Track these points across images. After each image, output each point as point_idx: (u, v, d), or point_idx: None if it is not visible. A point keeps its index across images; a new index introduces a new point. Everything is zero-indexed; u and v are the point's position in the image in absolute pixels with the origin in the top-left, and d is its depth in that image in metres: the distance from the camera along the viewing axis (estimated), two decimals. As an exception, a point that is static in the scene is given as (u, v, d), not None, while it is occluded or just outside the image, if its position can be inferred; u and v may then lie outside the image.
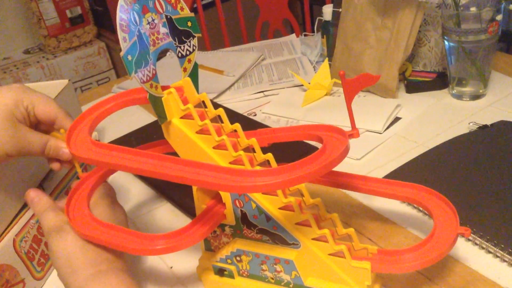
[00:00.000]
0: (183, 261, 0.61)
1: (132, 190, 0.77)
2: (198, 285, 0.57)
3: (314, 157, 0.42)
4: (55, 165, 0.56)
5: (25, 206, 0.62)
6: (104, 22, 2.19)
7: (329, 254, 0.47)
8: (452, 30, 0.79)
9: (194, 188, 0.51)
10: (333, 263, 0.47)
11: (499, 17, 0.77)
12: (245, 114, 0.92)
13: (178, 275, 0.60)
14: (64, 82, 0.79)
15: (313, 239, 0.47)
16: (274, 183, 0.40)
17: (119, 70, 2.22)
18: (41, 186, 0.65)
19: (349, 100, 0.47)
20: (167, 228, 0.68)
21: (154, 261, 0.63)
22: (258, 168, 0.48)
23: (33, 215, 0.61)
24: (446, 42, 0.82)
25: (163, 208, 0.72)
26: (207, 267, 0.55)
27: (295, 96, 0.95)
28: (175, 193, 0.71)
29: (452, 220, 0.48)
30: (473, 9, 0.78)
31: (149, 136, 0.87)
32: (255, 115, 0.92)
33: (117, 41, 2.12)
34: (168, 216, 0.70)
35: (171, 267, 0.61)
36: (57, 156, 0.55)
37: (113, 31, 2.12)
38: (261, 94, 1.00)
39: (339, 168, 0.42)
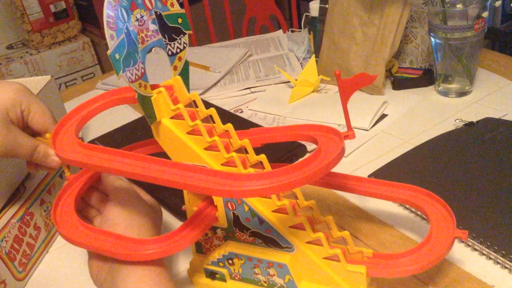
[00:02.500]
0: (169, 262, 0.59)
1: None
2: (186, 287, 0.56)
3: (309, 159, 0.41)
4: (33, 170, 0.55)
5: (6, 205, 0.60)
6: (88, 17, 2.16)
7: (324, 258, 0.46)
8: (439, 27, 0.79)
9: (185, 190, 0.50)
10: (328, 267, 0.47)
11: (485, 14, 0.77)
12: (232, 111, 0.91)
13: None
14: (47, 78, 0.77)
15: (307, 242, 0.47)
16: (268, 187, 0.39)
17: (104, 65, 2.19)
18: (22, 185, 0.64)
19: (345, 100, 0.46)
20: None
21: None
22: (251, 170, 0.47)
23: (14, 214, 0.59)
24: (432, 39, 0.82)
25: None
26: (199, 270, 0.54)
27: (282, 92, 0.95)
28: (164, 194, 0.70)
29: (449, 223, 0.47)
30: (459, 6, 0.78)
31: (134, 133, 0.85)
32: (242, 111, 0.91)
33: (102, 36, 2.09)
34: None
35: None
36: (45, 163, 0.54)
37: (98, 26, 2.07)
38: (248, 91, 0.99)
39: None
